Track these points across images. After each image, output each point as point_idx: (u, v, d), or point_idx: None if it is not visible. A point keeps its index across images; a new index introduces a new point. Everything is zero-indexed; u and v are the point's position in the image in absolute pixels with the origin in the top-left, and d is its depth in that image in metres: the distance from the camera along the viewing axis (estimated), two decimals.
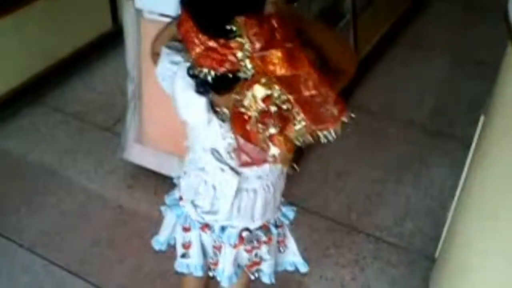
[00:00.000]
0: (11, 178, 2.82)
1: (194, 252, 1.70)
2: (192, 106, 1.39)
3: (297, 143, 1.24)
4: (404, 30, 4.07)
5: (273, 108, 1.20)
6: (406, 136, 3.16)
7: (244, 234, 1.61)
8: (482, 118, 1.98)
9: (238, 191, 1.51)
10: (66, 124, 3.16)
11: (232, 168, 1.47)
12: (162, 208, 1.79)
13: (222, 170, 1.48)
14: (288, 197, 2.68)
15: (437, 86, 3.58)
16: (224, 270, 1.67)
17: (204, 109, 1.37)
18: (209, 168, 1.51)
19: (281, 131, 1.22)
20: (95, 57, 3.58)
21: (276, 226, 1.67)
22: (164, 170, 2.56)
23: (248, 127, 1.23)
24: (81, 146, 3.02)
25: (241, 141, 1.28)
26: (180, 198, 1.68)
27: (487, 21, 4.08)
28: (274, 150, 1.24)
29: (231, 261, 1.65)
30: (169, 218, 1.74)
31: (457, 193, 2.16)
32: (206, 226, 1.64)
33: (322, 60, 1.35)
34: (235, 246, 1.62)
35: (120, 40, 2.66)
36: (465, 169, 2.10)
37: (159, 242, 1.80)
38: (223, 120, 1.38)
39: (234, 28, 1.17)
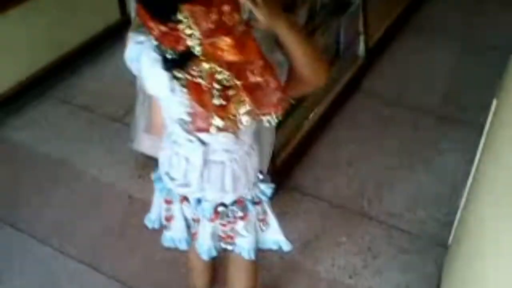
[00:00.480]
0: (22, 170, 2.83)
1: (176, 224, 1.76)
2: (156, 78, 1.44)
3: (240, 125, 1.37)
4: (415, 15, 4.03)
5: (216, 86, 1.31)
6: (417, 122, 3.13)
7: (220, 209, 1.67)
8: (494, 102, 1.95)
9: (207, 162, 1.58)
10: (76, 116, 3.17)
11: (199, 139, 1.54)
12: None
13: (190, 141, 1.55)
14: (300, 184, 2.70)
15: (449, 71, 3.55)
16: (203, 243, 1.74)
17: (167, 78, 1.41)
18: (180, 140, 1.57)
19: (223, 108, 1.33)
20: (103, 48, 3.57)
21: (254, 203, 1.70)
22: None
23: (201, 95, 1.34)
24: (91, 137, 3.02)
25: (196, 107, 1.38)
26: (162, 173, 1.72)
27: (499, 6, 4.05)
28: (217, 121, 1.36)
29: (208, 235, 1.72)
30: (155, 191, 1.79)
31: (470, 179, 2.14)
32: (184, 198, 1.70)
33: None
34: (211, 220, 1.68)
35: (128, 31, 2.64)
36: (478, 155, 2.08)
37: (150, 220, 1.85)
38: (183, 86, 1.40)
39: (181, 17, 1.24)
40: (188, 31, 1.26)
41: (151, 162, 2.74)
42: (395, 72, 3.52)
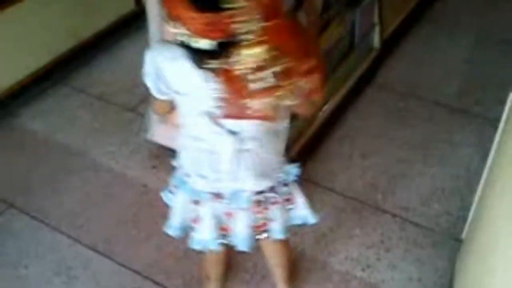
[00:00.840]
0: (37, 159, 2.85)
1: (205, 225, 1.73)
2: (180, 73, 1.44)
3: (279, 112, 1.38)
4: (430, 8, 4.00)
5: (259, 73, 1.27)
6: (432, 115, 3.11)
7: (255, 197, 1.67)
8: (511, 96, 1.93)
9: (236, 152, 1.56)
10: (90, 105, 3.18)
11: (227, 130, 1.52)
12: (166, 193, 1.85)
13: (217, 133, 1.52)
14: (313, 177, 2.69)
15: (463, 64, 3.52)
16: (239, 234, 1.73)
17: (194, 71, 1.39)
18: (204, 135, 1.55)
19: (265, 92, 1.29)
20: (118, 38, 3.58)
21: (284, 185, 1.73)
22: None
23: (238, 83, 1.30)
24: (105, 126, 3.03)
25: (228, 93, 1.34)
26: (185, 174, 1.70)
27: None
28: (255, 103, 1.31)
29: (244, 225, 1.71)
30: (178, 199, 1.77)
31: (485, 173, 2.13)
32: (217, 195, 1.68)
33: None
34: (248, 210, 1.68)
35: (143, 21, 2.65)
36: (493, 148, 2.06)
37: (172, 226, 1.82)
38: (215, 75, 1.37)
39: (233, 4, 1.22)
40: (242, 18, 1.23)
41: (165, 152, 2.77)
42: (410, 65, 3.50)
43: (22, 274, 2.32)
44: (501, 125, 2.01)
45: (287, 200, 1.77)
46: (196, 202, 1.72)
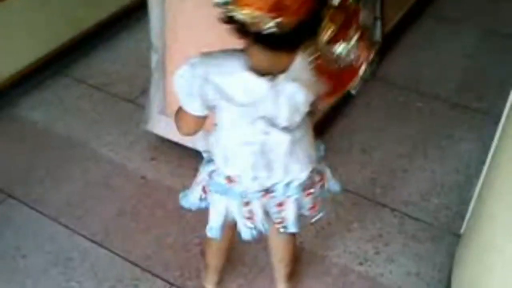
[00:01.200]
0: (36, 149, 2.84)
1: (258, 220, 1.75)
2: (247, 82, 1.44)
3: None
4: (431, 2, 3.98)
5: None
6: (432, 110, 3.11)
7: (304, 183, 1.71)
8: None
9: (290, 146, 1.59)
10: (90, 96, 3.17)
11: (281, 128, 1.55)
12: (186, 198, 1.85)
13: (270, 133, 1.55)
14: None
15: (464, 59, 3.51)
16: (290, 219, 1.76)
17: (265, 77, 1.43)
18: (256, 138, 1.56)
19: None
20: (118, 28, 3.57)
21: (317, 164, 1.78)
22: (188, 142, 2.55)
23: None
24: (105, 117, 3.02)
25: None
26: (228, 179, 1.68)
27: None
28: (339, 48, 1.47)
29: (295, 210, 1.74)
30: (219, 203, 1.75)
31: (485, 168, 2.13)
32: (267, 192, 1.69)
33: None
34: (299, 197, 1.72)
35: (143, 12, 2.65)
36: (494, 144, 2.06)
37: (213, 229, 1.80)
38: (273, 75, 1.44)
39: None
40: None
41: (165, 144, 2.77)
42: (411, 59, 3.49)
43: (20, 264, 2.32)
44: (502, 120, 2.01)
45: (321, 177, 1.81)
46: (246, 203, 1.72)
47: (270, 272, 2.19)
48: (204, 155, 1.76)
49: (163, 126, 2.70)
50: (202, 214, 1.85)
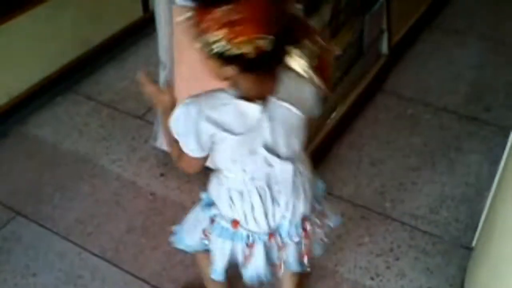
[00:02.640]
0: (46, 166, 2.85)
1: (257, 263, 1.72)
2: (240, 110, 1.46)
3: None
4: (439, 13, 3.98)
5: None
6: (441, 122, 3.10)
7: (306, 223, 1.71)
8: None
9: (294, 177, 1.62)
10: (98, 112, 3.18)
11: (284, 158, 1.56)
12: (180, 240, 1.88)
13: (272, 165, 1.56)
14: None
15: (473, 71, 3.50)
16: (291, 260, 1.77)
17: (256, 105, 1.46)
18: (260, 172, 1.57)
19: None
20: (126, 45, 3.59)
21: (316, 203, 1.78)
22: None
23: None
24: (114, 134, 3.03)
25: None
26: (233, 222, 1.67)
27: None
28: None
29: (296, 251, 1.75)
30: (223, 246, 1.72)
31: (496, 180, 2.11)
32: (271, 235, 1.68)
33: None
34: (302, 237, 1.72)
35: (151, 28, 2.66)
36: (504, 156, 2.05)
37: (217, 272, 1.77)
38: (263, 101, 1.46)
39: None
40: None
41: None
42: (419, 71, 3.49)
43: (31, 282, 2.32)
44: None
45: (322, 215, 1.80)
46: (250, 246, 1.69)
47: None
48: (203, 196, 1.76)
49: None
50: None
